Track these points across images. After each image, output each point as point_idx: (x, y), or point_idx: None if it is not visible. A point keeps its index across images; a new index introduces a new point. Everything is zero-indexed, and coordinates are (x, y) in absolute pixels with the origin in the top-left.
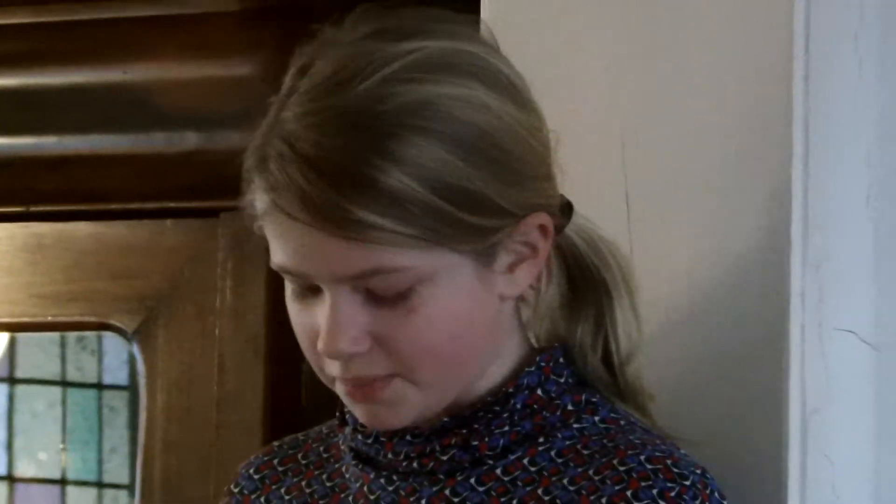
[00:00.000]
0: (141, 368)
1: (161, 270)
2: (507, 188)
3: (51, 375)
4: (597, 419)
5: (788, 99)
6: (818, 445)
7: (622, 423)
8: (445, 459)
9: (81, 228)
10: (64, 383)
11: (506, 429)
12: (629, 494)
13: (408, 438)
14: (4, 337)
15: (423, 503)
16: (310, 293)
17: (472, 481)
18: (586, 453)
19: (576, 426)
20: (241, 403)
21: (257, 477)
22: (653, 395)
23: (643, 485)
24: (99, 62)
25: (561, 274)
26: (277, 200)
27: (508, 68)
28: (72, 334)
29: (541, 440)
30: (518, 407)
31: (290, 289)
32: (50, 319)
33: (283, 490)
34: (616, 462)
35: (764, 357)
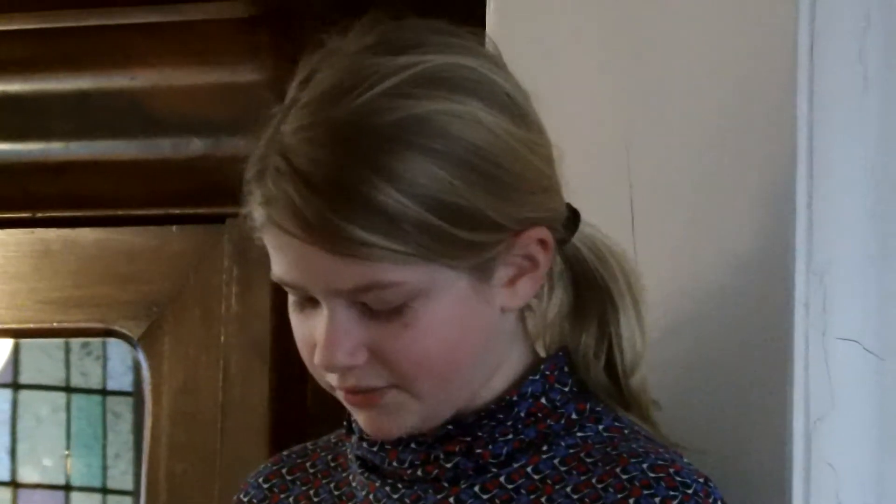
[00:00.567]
0: (146, 374)
1: (166, 276)
2: (503, 203)
3: (55, 381)
4: (600, 427)
5: (792, 107)
6: (822, 454)
7: (626, 432)
8: (449, 467)
9: (87, 234)
10: (68, 389)
11: (509, 436)
12: (631, 502)
13: (412, 446)
14: (9, 342)
15: None
16: (309, 305)
17: (476, 489)
18: (589, 461)
19: (579, 434)
20: (246, 409)
21: (266, 486)
22: (657, 404)
23: (645, 493)
24: (105, 69)
25: (567, 282)
26: (273, 214)
27: (508, 83)
28: (76, 340)
29: (544, 448)
30: (521, 415)
31: (291, 300)
32: (55, 325)
33: (292, 499)
34: (619, 470)
35: (767, 365)
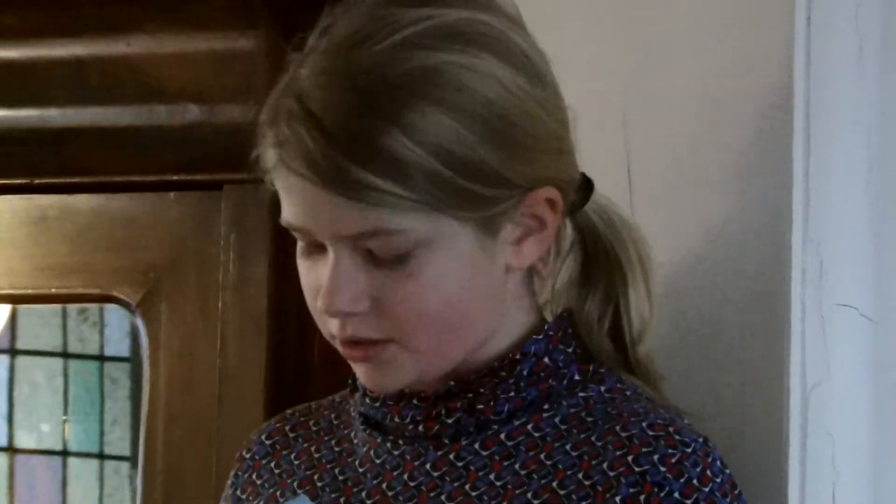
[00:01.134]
0: (144, 341)
1: (164, 243)
2: (512, 160)
3: (52, 347)
4: (602, 388)
5: (790, 78)
6: (818, 420)
7: (627, 393)
8: (451, 423)
9: (84, 201)
10: (65, 355)
11: (511, 394)
12: (630, 460)
13: (414, 402)
14: (6, 308)
15: (428, 467)
16: (316, 251)
17: (476, 446)
18: (590, 420)
19: (581, 395)
20: (243, 376)
21: (269, 443)
22: (662, 376)
23: (644, 451)
24: (101, 35)
25: (578, 251)
26: (284, 156)
27: (525, 41)
28: (73, 306)
29: (546, 407)
30: (524, 374)
31: (300, 246)
32: (53, 291)
33: (294, 455)
34: (618, 428)
35: (765, 332)
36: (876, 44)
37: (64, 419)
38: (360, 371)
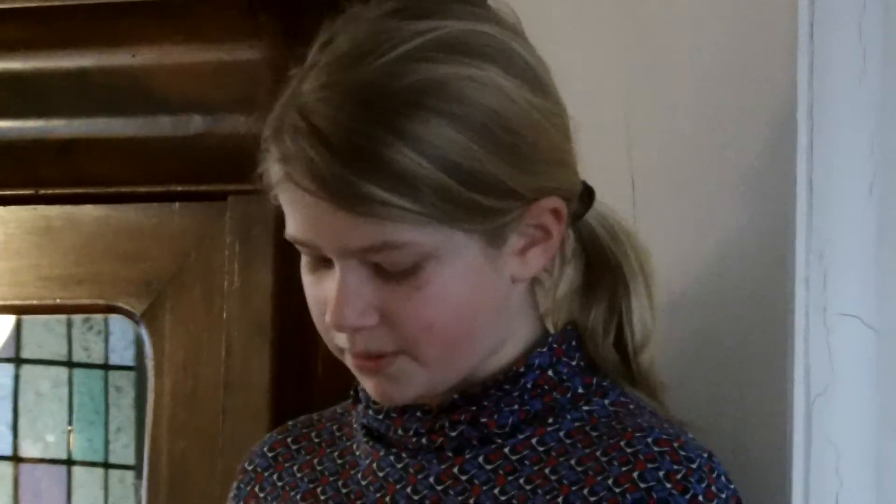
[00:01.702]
0: (148, 351)
1: (168, 253)
2: (518, 171)
3: (57, 356)
4: (606, 402)
5: (793, 86)
6: (822, 429)
7: (631, 407)
8: (454, 436)
9: (89, 212)
10: (70, 364)
11: (515, 407)
12: (635, 476)
13: (417, 415)
14: (11, 318)
15: (431, 480)
16: (322, 265)
17: (480, 459)
18: (594, 434)
19: (585, 408)
20: (248, 386)
21: (271, 455)
22: (664, 384)
23: (649, 466)
24: (106, 46)
25: (579, 260)
26: (289, 171)
27: (528, 52)
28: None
29: (550, 420)
30: (528, 386)
31: (305, 260)
32: (58, 302)
33: (296, 468)
34: (623, 444)
35: (768, 342)
36: (879, 52)
37: (69, 428)
38: (370, 383)
